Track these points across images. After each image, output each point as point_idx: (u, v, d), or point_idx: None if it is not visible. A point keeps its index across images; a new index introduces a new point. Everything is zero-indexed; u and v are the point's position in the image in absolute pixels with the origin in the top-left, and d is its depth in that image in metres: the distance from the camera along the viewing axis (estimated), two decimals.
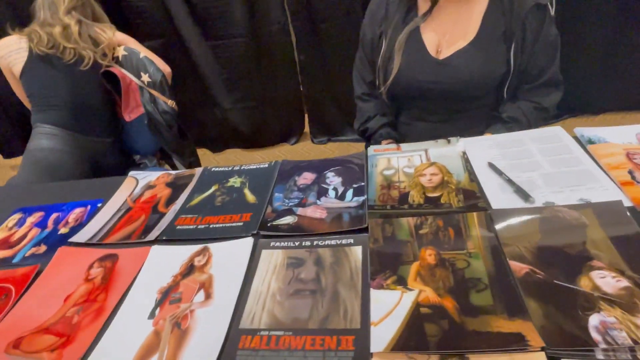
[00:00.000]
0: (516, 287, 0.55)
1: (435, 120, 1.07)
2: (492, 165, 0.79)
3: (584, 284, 0.54)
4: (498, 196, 0.72)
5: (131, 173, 1.03)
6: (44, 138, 1.31)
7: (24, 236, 0.88)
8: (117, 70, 1.41)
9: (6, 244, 0.87)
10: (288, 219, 0.77)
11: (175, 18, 2.12)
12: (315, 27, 2.09)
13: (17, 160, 2.91)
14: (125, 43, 1.50)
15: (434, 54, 1.00)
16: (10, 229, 0.92)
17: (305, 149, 2.47)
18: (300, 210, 0.78)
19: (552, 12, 0.96)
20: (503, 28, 0.95)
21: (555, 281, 0.55)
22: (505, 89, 1.00)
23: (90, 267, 0.75)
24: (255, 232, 0.75)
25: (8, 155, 2.88)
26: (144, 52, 1.50)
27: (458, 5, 0.98)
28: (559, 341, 0.48)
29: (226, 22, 2.12)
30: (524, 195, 0.70)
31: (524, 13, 0.93)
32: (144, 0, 2.07)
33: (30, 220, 0.93)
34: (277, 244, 0.71)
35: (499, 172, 0.77)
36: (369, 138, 1.19)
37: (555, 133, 0.87)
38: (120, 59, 1.47)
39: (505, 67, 0.97)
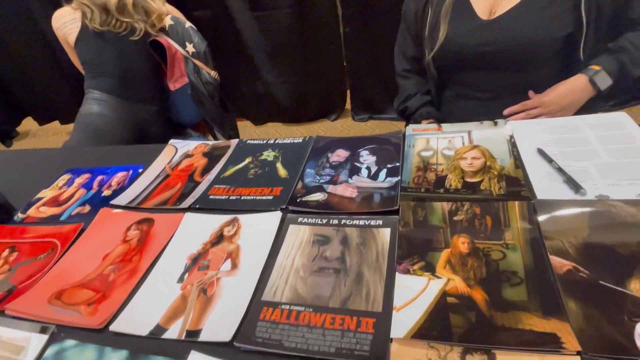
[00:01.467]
0: (555, 285, 0.51)
1: (484, 98, 1.00)
2: (541, 152, 0.73)
3: (634, 288, 0.49)
4: (545, 185, 0.66)
5: (171, 141, 1.06)
6: (94, 103, 1.37)
7: (72, 196, 0.94)
8: (164, 39, 1.43)
9: (55, 202, 0.93)
10: (318, 196, 0.76)
11: None
12: None
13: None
14: (171, 13, 1.52)
15: (485, 18, 0.93)
16: (60, 188, 0.98)
17: (345, 126, 2.44)
18: (330, 188, 0.77)
19: None
20: None
21: (601, 282, 0.50)
22: (582, 50, 0.88)
23: (128, 229, 0.79)
24: (284, 206, 0.75)
25: (65, 121, 3.07)
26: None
27: None
28: (598, 347, 0.44)
29: None
30: (575, 186, 0.64)
31: None
32: None
33: (78, 181, 0.99)
34: (305, 220, 0.71)
35: (549, 160, 0.71)
36: (408, 117, 1.15)
37: (618, 119, 0.79)
38: (166, 28, 1.49)
39: (571, 26, 0.86)
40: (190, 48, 1.51)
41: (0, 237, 0.84)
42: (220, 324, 0.56)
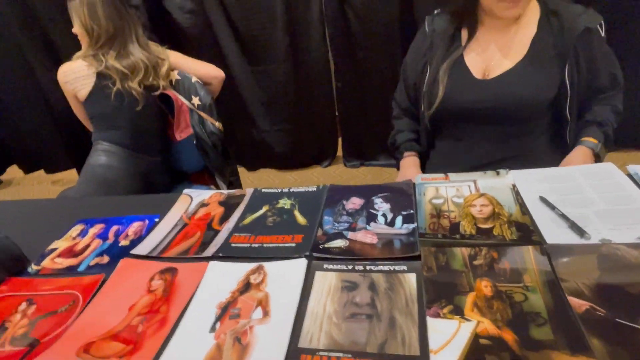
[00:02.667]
0: (577, 323, 0.55)
1: (474, 144, 1.09)
2: (543, 199, 0.80)
3: None
4: (552, 231, 0.72)
5: (185, 191, 1.08)
6: (104, 155, 1.40)
7: (87, 246, 0.94)
8: (172, 93, 1.49)
9: (70, 252, 0.93)
10: (339, 242, 0.79)
11: (221, 42, 2.23)
12: (353, 55, 2.16)
13: (58, 176, 3.06)
14: (174, 59, 1.58)
15: (479, 77, 1.03)
16: (74, 238, 0.98)
17: (337, 172, 2.51)
18: (350, 235, 0.81)
19: (603, 33, 0.98)
20: (553, 50, 0.98)
21: (618, 320, 0.55)
22: (568, 110, 1.01)
23: (152, 279, 0.79)
24: (307, 253, 0.78)
25: (50, 170, 3.03)
26: (194, 66, 1.58)
27: (503, 31, 1.03)
28: None
29: (269, 49, 2.22)
30: (580, 231, 0.70)
31: (575, 36, 0.96)
32: (193, 25, 2.21)
33: (93, 231, 0.99)
34: (330, 266, 0.74)
35: (552, 207, 0.77)
36: (395, 150, 1.24)
37: (606, 169, 0.87)
38: (173, 82, 1.56)
39: (556, 88, 0.99)
40: (195, 101, 1.58)
41: (16, 290, 0.83)
42: None
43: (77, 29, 1.43)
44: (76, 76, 1.42)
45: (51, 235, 1.00)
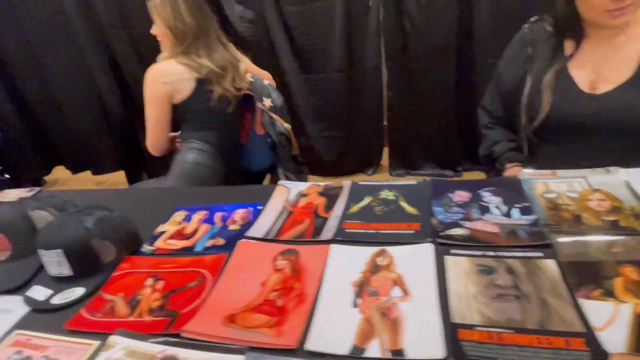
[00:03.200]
0: None
1: (579, 156, 1.05)
2: None
3: None
4: None
5: (281, 182, 1.12)
6: (195, 152, 1.44)
7: (195, 230, 0.97)
8: (251, 94, 1.55)
9: (181, 235, 0.96)
10: (459, 231, 0.81)
11: (278, 51, 2.30)
12: (407, 66, 2.21)
13: (103, 177, 3.13)
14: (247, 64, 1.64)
15: (587, 91, 1.02)
16: (180, 223, 1.01)
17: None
18: (468, 224, 0.83)
19: None
20: None
21: None
22: None
23: (275, 259, 0.82)
24: (430, 239, 0.79)
25: (98, 172, 3.10)
26: (254, 70, 1.65)
27: (611, 42, 1.00)
28: None
29: (325, 58, 2.28)
30: None
31: None
32: (252, 34, 2.28)
33: (197, 217, 1.02)
34: (458, 251, 0.75)
35: None
36: (493, 161, 1.23)
37: None
38: (247, 84, 1.62)
39: None
40: (267, 102, 1.63)
41: (138, 267, 0.86)
42: (423, 344, 0.58)
43: (158, 28, 1.47)
44: (178, 78, 1.42)
45: (153, 220, 1.03)
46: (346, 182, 1.07)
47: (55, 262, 0.82)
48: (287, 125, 1.65)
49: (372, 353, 0.58)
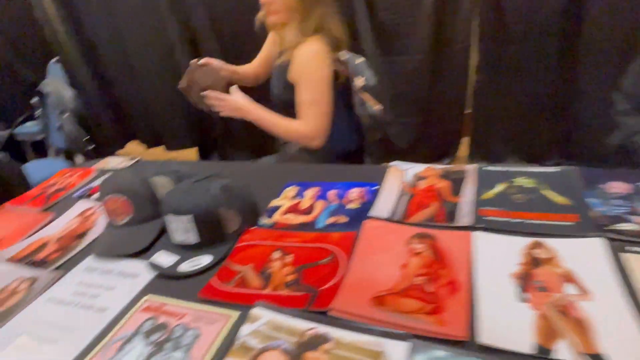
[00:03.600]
0: None
1: None
2: None
3: None
4: None
5: (393, 163, 1.05)
6: None
7: (311, 206, 0.93)
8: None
9: (298, 210, 0.92)
10: (628, 226, 0.71)
11: (360, 32, 2.22)
12: (503, 48, 2.05)
13: (175, 154, 3.20)
14: None
15: None
16: (293, 198, 0.98)
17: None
18: (636, 219, 0.72)
19: None
20: None
21: None
22: None
23: (409, 242, 0.76)
24: (597, 233, 0.70)
25: (171, 147, 3.18)
26: None
27: None
28: None
29: (408, 39, 2.17)
30: None
31: None
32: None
33: (309, 193, 0.98)
34: (634, 248, 0.66)
35: None
36: (631, 153, 1.10)
37: None
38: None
39: None
40: (359, 81, 1.56)
41: (262, 239, 0.83)
42: (628, 351, 0.50)
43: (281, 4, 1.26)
44: (331, 59, 1.30)
45: (263, 195, 0.99)
46: (469, 166, 0.98)
47: (183, 228, 0.81)
48: (378, 107, 1.57)
49: (562, 355, 0.51)
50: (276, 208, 0.94)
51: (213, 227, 0.82)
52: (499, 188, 0.88)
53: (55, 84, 2.29)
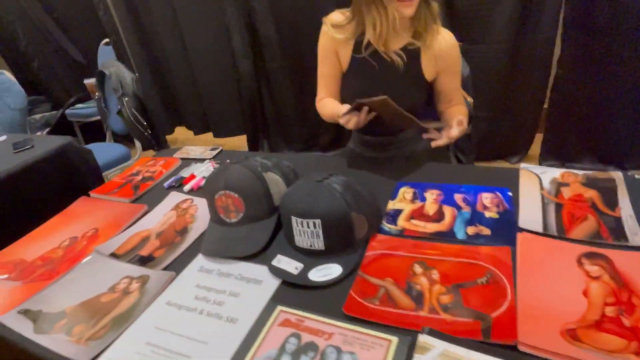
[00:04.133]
0: None
1: None
2: None
3: None
4: None
5: (524, 166, 0.95)
6: None
7: (440, 212, 0.84)
8: None
9: (424, 216, 0.83)
10: None
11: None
12: (589, 41, 1.88)
13: (223, 141, 3.15)
14: None
15: None
16: (412, 201, 0.88)
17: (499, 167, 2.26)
18: None
19: None
20: None
21: None
22: None
23: (580, 262, 0.66)
24: None
25: (218, 134, 3.12)
26: None
27: None
28: None
29: (487, 26, 2.02)
30: None
31: None
32: None
33: (431, 197, 0.89)
34: None
35: None
36: None
37: None
38: None
39: None
40: None
41: (395, 249, 0.75)
42: None
43: None
44: None
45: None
46: (615, 173, 0.87)
47: (309, 233, 0.74)
48: (470, 99, 1.45)
49: None
50: (398, 212, 0.86)
51: (342, 233, 0.74)
52: None
53: (117, 66, 2.25)
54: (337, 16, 1.13)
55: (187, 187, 1.08)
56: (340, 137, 2.59)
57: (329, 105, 1.19)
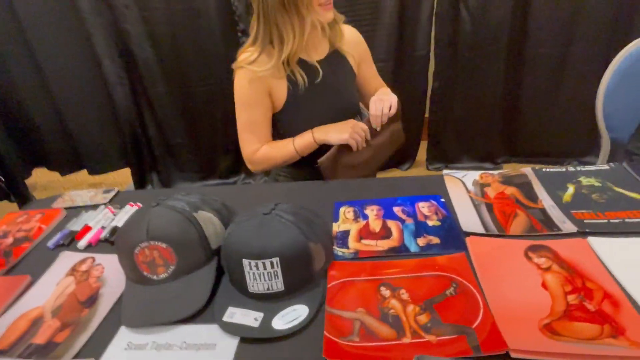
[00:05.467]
0: None
1: None
2: None
3: None
4: None
5: (446, 172, 0.99)
6: None
7: (386, 228, 0.82)
8: None
9: (372, 234, 0.80)
10: None
11: None
12: (458, 55, 2.15)
13: (100, 178, 2.74)
14: None
15: None
16: (356, 220, 0.85)
17: (420, 174, 2.46)
18: None
19: None
20: None
21: None
22: None
23: (528, 257, 0.69)
24: None
25: (94, 171, 2.71)
26: None
27: None
28: None
29: (369, 45, 2.15)
30: None
31: None
32: None
33: (371, 213, 0.87)
34: None
35: None
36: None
37: None
38: None
39: None
40: None
41: (354, 275, 0.70)
42: None
43: None
44: None
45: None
46: (526, 169, 0.96)
47: (266, 275, 0.64)
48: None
49: None
50: (345, 233, 0.81)
51: (301, 268, 0.66)
52: (571, 189, 0.87)
53: None
54: (246, 55, 1.03)
55: (82, 243, 0.87)
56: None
57: (274, 149, 1.09)
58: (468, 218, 0.81)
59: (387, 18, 2.08)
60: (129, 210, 0.99)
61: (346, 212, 0.88)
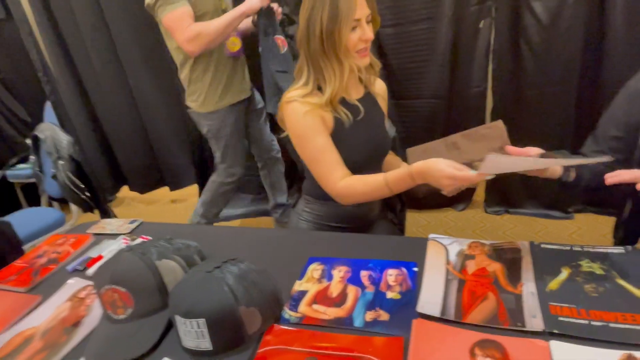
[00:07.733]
0: None
1: None
2: None
3: None
4: None
5: (432, 236, 0.93)
6: None
7: (343, 294, 0.80)
8: None
9: (327, 299, 0.79)
10: None
11: None
12: (519, 93, 1.98)
13: (177, 194, 3.06)
14: None
15: None
16: (319, 281, 0.84)
17: (477, 218, 2.28)
18: None
19: None
20: None
21: None
22: None
23: (473, 353, 0.62)
24: None
25: (175, 187, 3.03)
26: None
27: None
28: None
29: (421, 83, 2.10)
30: None
31: None
32: None
33: (338, 274, 0.85)
34: None
35: None
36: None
37: None
38: None
39: None
40: None
41: (288, 343, 0.70)
42: None
43: None
44: None
45: (283, 272, 0.86)
46: (522, 243, 0.86)
47: (194, 333, 0.68)
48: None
49: None
50: (302, 294, 0.81)
51: (231, 330, 0.68)
52: (564, 274, 0.76)
53: (52, 129, 2.18)
54: (297, 92, 1.05)
55: (90, 271, 1.00)
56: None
57: (361, 182, 1.02)
58: (430, 296, 0.75)
59: (440, 55, 2.01)
60: (141, 243, 1.11)
61: (314, 270, 0.88)
